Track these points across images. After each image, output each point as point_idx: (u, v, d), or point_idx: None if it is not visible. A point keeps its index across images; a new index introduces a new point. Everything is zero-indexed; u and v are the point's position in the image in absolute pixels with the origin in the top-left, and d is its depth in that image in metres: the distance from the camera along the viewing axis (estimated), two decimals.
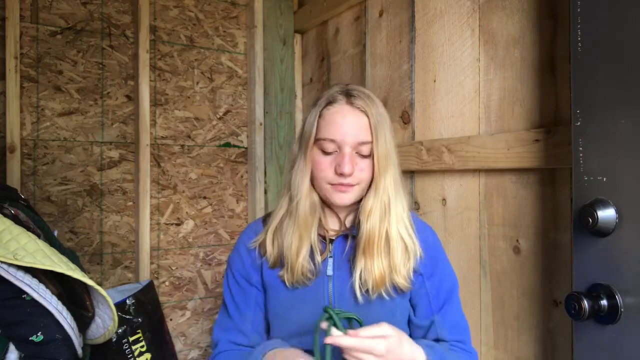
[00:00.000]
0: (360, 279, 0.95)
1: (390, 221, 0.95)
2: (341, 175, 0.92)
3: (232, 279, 1.07)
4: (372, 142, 0.93)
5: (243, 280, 1.05)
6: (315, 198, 0.99)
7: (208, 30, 2.02)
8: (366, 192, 0.97)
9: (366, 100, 0.94)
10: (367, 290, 0.95)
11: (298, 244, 0.97)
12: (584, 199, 0.83)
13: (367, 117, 0.93)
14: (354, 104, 0.94)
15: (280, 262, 1.00)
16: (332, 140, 0.93)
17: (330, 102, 0.95)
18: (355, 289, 0.95)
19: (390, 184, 0.96)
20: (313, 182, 0.98)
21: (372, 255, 0.94)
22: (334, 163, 0.93)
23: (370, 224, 0.94)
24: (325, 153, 0.95)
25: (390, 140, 0.96)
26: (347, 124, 0.93)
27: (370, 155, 0.94)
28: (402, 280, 0.95)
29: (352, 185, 0.94)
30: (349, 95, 0.95)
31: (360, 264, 0.95)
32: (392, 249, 0.95)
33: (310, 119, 0.97)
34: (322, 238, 1.01)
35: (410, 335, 1.03)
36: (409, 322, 1.03)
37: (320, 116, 0.95)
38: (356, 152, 0.94)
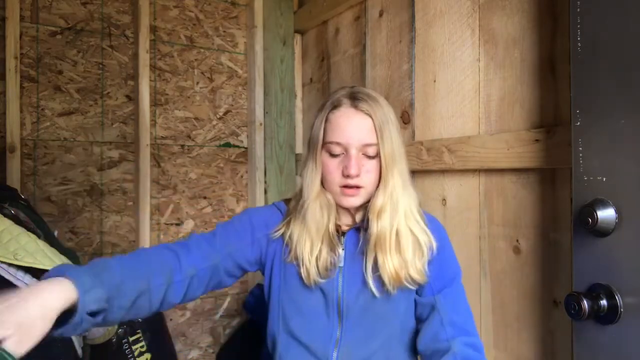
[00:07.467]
0: (373, 272, 0.97)
1: (400, 218, 0.97)
2: (348, 176, 0.95)
3: (239, 218, 1.08)
4: (377, 144, 0.96)
5: (246, 229, 1.05)
6: (329, 197, 1.01)
7: (208, 30, 2.02)
8: (375, 191, 0.99)
9: (370, 102, 0.97)
10: (383, 284, 0.97)
11: (311, 247, 0.99)
12: (584, 199, 0.83)
13: (372, 119, 0.96)
14: (358, 107, 0.96)
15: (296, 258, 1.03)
16: (339, 143, 0.96)
17: (335, 106, 0.98)
18: (368, 281, 0.97)
19: (398, 181, 0.97)
20: (324, 183, 1.01)
21: (384, 252, 0.96)
22: (341, 165, 0.96)
23: (380, 222, 0.96)
24: (333, 155, 0.98)
25: (397, 139, 0.98)
26: (352, 126, 0.96)
27: (376, 156, 0.97)
28: (417, 275, 0.97)
29: (359, 188, 0.97)
30: (353, 99, 0.98)
31: (371, 259, 0.97)
32: (403, 245, 0.97)
33: (317, 123, 1.00)
34: (336, 231, 1.04)
35: (417, 318, 1.04)
36: (416, 305, 1.03)
37: (326, 120, 0.99)
38: (363, 154, 0.96)
